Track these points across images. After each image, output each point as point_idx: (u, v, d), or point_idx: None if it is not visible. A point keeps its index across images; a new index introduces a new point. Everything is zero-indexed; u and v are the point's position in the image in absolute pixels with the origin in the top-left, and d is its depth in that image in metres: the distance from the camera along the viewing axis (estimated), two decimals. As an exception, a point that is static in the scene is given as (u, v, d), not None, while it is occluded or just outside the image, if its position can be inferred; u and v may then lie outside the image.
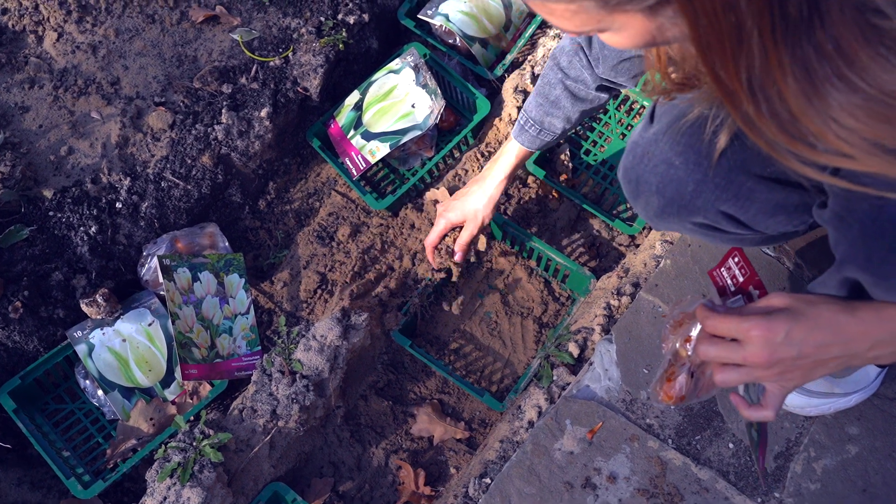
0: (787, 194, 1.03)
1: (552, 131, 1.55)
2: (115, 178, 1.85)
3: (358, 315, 1.70)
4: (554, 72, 1.48)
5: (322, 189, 2.05)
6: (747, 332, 0.91)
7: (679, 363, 1.03)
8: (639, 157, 1.13)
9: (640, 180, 1.14)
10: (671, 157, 1.08)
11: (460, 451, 1.73)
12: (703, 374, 1.03)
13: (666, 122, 1.09)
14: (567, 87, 1.46)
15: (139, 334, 1.79)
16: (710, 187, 1.05)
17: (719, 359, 0.96)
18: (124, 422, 1.75)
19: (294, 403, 1.62)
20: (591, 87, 1.44)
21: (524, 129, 1.57)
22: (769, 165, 1.01)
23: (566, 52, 1.45)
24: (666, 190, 1.10)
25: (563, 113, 1.50)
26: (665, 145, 1.08)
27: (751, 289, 1.00)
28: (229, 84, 1.95)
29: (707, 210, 1.09)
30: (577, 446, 1.41)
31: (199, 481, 1.53)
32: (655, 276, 1.55)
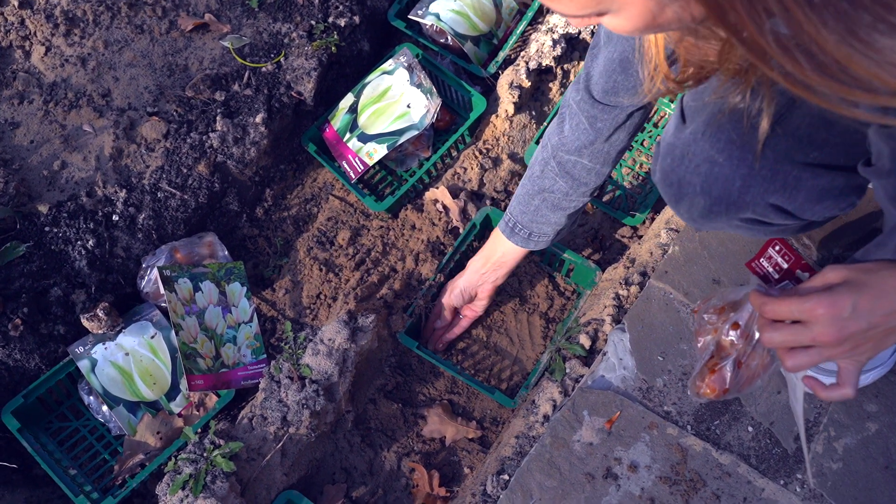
0: (832, 178, 1.02)
1: (544, 234, 1.55)
2: (111, 191, 1.83)
3: (365, 317, 1.68)
4: (531, 182, 1.50)
5: (319, 194, 2.03)
6: (812, 312, 0.88)
7: (723, 354, 1.02)
8: (678, 158, 1.10)
9: (683, 182, 1.11)
10: (713, 154, 1.06)
11: (473, 451, 1.72)
12: (747, 365, 1.01)
13: (702, 120, 1.07)
14: (545, 198, 1.48)
15: (142, 347, 1.77)
16: (757, 181, 1.04)
17: (786, 343, 0.93)
18: (131, 437, 1.72)
19: (304, 409, 1.60)
20: (569, 195, 1.45)
21: (514, 232, 1.57)
22: (812, 150, 1.00)
23: (537, 161, 1.47)
24: (712, 189, 1.08)
25: (547, 221, 1.51)
26: (706, 144, 1.06)
27: (798, 273, 0.99)
28: (222, 91, 1.93)
29: (756, 204, 1.07)
30: (597, 437, 1.40)
31: (213, 492, 1.51)
32: (664, 264, 1.54)
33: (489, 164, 1.93)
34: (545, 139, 1.46)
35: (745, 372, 1.05)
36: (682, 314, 1.49)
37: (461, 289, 1.71)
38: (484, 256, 1.67)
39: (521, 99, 1.93)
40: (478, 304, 1.75)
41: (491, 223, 1.86)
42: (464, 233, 1.82)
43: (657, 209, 1.85)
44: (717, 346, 1.05)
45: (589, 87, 1.30)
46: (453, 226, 1.90)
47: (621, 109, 1.29)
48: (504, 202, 1.92)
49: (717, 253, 1.53)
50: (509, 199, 1.92)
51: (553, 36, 1.93)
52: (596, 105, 1.30)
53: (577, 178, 1.42)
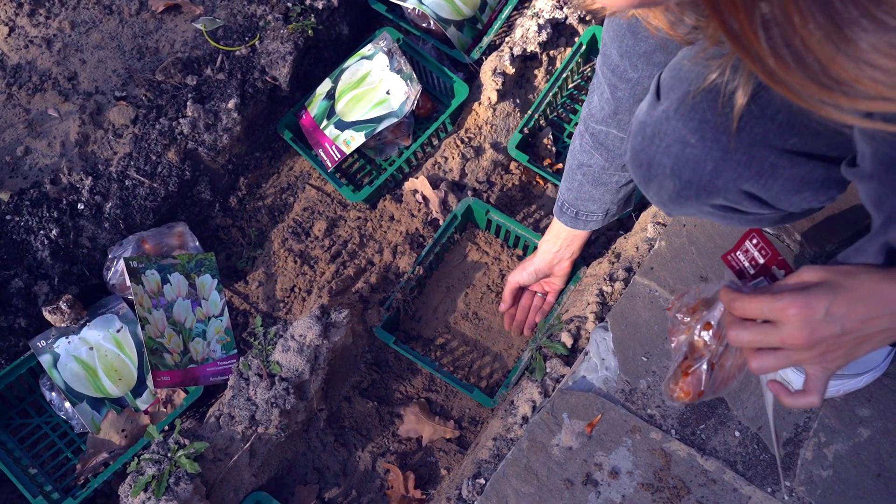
0: (811, 168, 0.95)
1: (591, 212, 1.49)
2: (76, 178, 1.75)
3: (338, 312, 1.61)
4: (572, 156, 1.45)
5: (295, 183, 1.96)
6: (783, 312, 0.83)
7: (696, 355, 0.96)
8: (648, 137, 1.03)
9: (653, 163, 1.04)
10: (685, 135, 0.98)
11: (451, 452, 1.65)
12: (721, 365, 0.95)
13: (676, 97, 0.99)
14: (584, 172, 1.42)
15: (107, 341, 1.69)
16: (730, 165, 0.96)
17: (753, 343, 0.88)
18: (94, 435, 1.65)
19: (274, 408, 1.53)
20: (608, 169, 1.39)
21: (562, 212, 1.53)
22: (792, 136, 0.93)
23: (576, 135, 1.42)
24: (682, 172, 1.01)
25: (591, 197, 1.46)
26: (678, 122, 0.99)
27: (774, 269, 0.93)
28: (194, 76, 1.85)
29: (728, 190, 0.99)
30: (576, 441, 1.34)
31: (176, 494, 1.44)
32: (650, 259, 1.48)
33: (471, 153, 1.86)
34: (581, 111, 1.42)
35: (719, 373, 0.99)
36: (668, 312, 1.42)
37: (535, 268, 1.65)
38: (552, 235, 1.61)
39: (505, 86, 1.85)
40: (556, 280, 1.69)
41: (473, 215, 1.80)
42: (444, 225, 1.75)
43: (644, 203, 1.78)
44: (689, 346, 0.99)
45: (606, 52, 1.25)
46: (433, 217, 1.83)
47: (638, 81, 1.23)
48: (487, 193, 1.84)
49: (706, 249, 1.46)
50: (492, 191, 1.85)
51: (539, 21, 1.86)
52: (615, 70, 1.25)
53: (611, 149, 1.36)
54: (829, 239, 1.43)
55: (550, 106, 1.90)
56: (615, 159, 1.37)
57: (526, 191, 1.88)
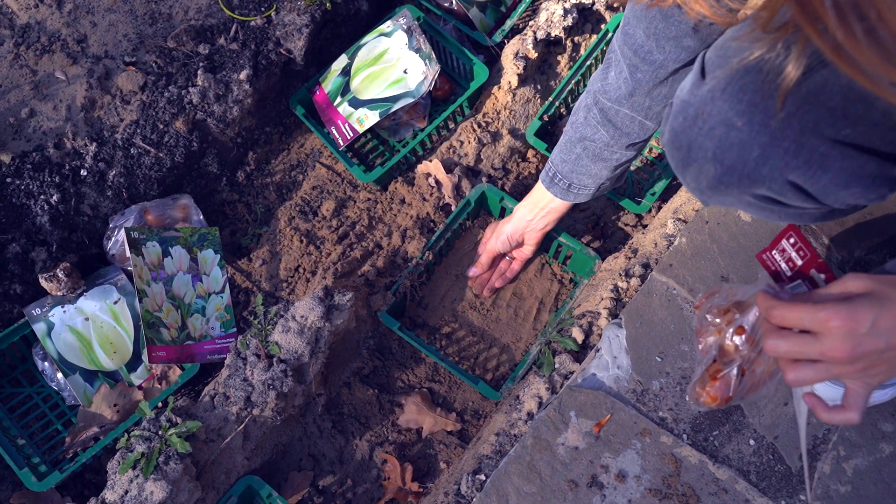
0: (864, 162, 0.87)
1: (585, 186, 1.47)
2: (80, 144, 1.70)
3: (342, 295, 1.56)
4: (573, 128, 1.42)
5: (306, 161, 1.91)
6: (825, 323, 0.77)
7: (726, 359, 0.90)
8: (691, 118, 0.95)
9: (693, 146, 0.96)
10: (731, 117, 0.90)
11: (451, 445, 1.60)
12: (752, 371, 0.89)
13: (723, 76, 0.91)
14: (586, 147, 1.40)
15: (103, 313, 1.65)
16: (778, 152, 0.89)
17: (791, 354, 0.82)
18: (85, 408, 1.60)
19: (270, 390, 1.48)
20: (611, 146, 1.36)
21: (554, 182, 1.49)
22: (846, 126, 0.86)
23: (581, 107, 1.39)
24: (725, 156, 0.93)
25: (587, 171, 1.44)
26: (724, 104, 0.91)
27: (813, 272, 0.86)
28: (206, 44, 1.79)
29: (773, 180, 0.92)
30: (583, 441, 1.28)
31: (164, 474, 1.39)
32: (669, 256, 1.41)
33: (488, 138, 1.80)
34: (590, 84, 1.37)
35: (749, 379, 0.93)
36: (686, 312, 1.36)
37: (508, 234, 1.62)
38: (531, 202, 1.57)
39: (527, 71, 1.79)
40: (526, 249, 1.66)
41: (486, 202, 1.74)
42: (456, 210, 1.69)
43: (665, 197, 1.72)
44: (720, 349, 0.93)
45: (627, 31, 1.20)
46: (445, 202, 1.77)
47: (662, 64, 1.18)
48: (502, 180, 1.78)
49: (728, 248, 1.40)
50: (507, 178, 1.79)
51: (565, 4, 1.80)
52: (638, 51, 1.19)
53: (619, 127, 1.33)
54: (859, 244, 1.37)
55: (572, 94, 1.84)
56: (621, 138, 1.34)
57: (542, 180, 1.82)
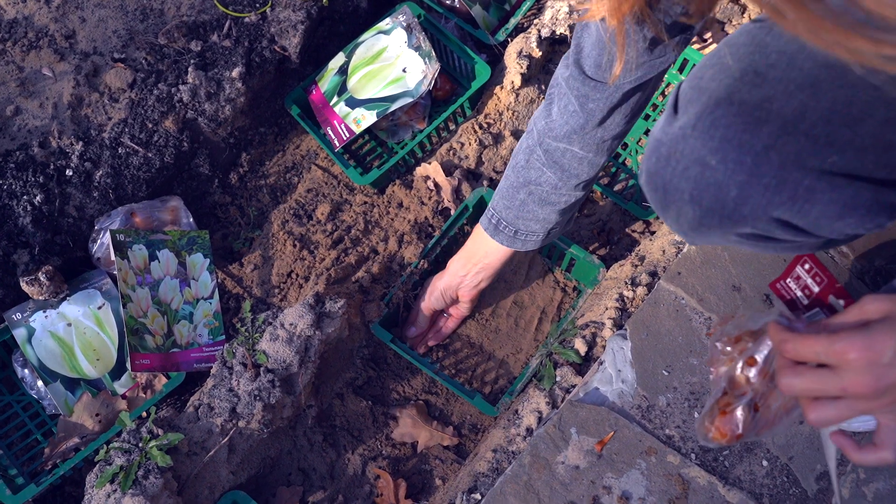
0: (855, 191, 0.79)
1: (533, 232, 1.37)
2: (66, 143, 1.64)
3: (334, 302, 1.49)
4: (515, 172, 1.32)
5: (301, 163, 1.84)
6: (843, 355, 0.70)
7: (737, 392, 0.82)
8: (664, 158, 0.88)
9: (669, 187, 0.89)
10: (704, 155, 0.83)
11: (447, 460, 1.52)
12: (767, 406, 0.82)
13: (695, 111, 0.84)
14: (531, 191, 1.30)
15: (87, 318, 1.58)
16: (758, 190, 0.81)
17: (809, 392, 0.74)
18: (66, 417, 1.53)
19: (257, 401, 1.40)
20: (559, 188, 1.27)
21: (499, 230, 1.39)
22: (831, 154, 0.78)
23: (522, 149, 1.29)
24: (702, 198, 0.85)
25: (535, 217, 1.33)
26: (696, 141, 0.83)
27: (831, 299, 0.79)
28: (198, 41, 1.73)
29: (756, 218, 0.84)
30: (584, 460, 1.20)
31: (143, 488, 1.32)
32: (678, 264, 1.34)
33: (489, 140, 1.73)
34: (531, 124, 1.28)
35: (763, 415, 0.84)
36: (695, 323, 1.28)
37: (440, 291, 1.52)
38: (465, 256, 1.48)
39: (531, 70, 1.72)
40: (462, 307, 1.56)
41: (486, 206, 1.66)
42: (454, 214, 1.62)
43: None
44: (730, 381, 0.85)
45: (579, 61, 1.11)
46: (444, 206, 1.70)
47: (616, 87, 1.09)
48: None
49: (740, 256, 1.32)
50: (509, 182, 1.71)
51: (570, 1, 1.73)
52: (587, 82, 1.10)
53: (566, 168, 1.24)
54: (879, 253, 1.29)
55: (578, 95, 1.76)
56: (570, 179, 1.25)
57: (546, 184, 1.75)
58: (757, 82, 0.77)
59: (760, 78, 0.77)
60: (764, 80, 0.77)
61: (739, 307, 1.28)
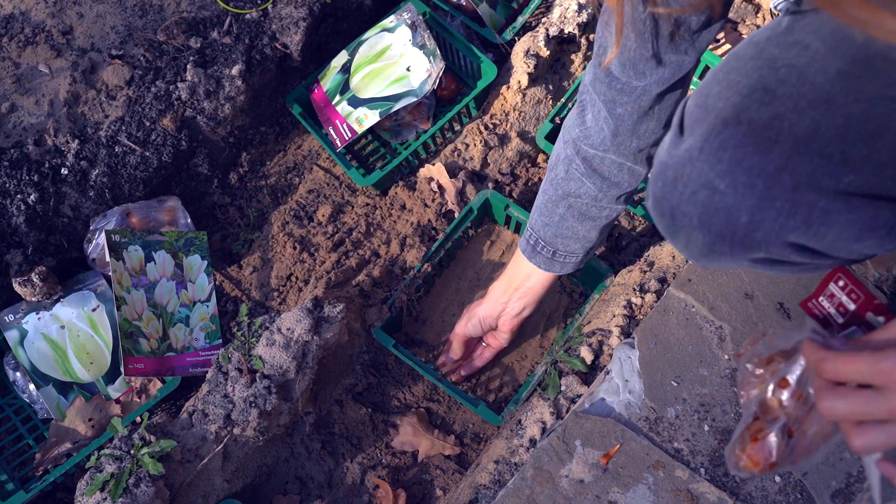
0: (874, 211, 0.74)
1: (572, 253, 1.30)
2: (62, 141, 1.60)
3: (332, 306, 1.44)
4: (553, 186, 1.25)
5: (303, 163, 1.80)
6: (890, 375, 0.64)
7: (768, 417, 0.77)
8: (671, 182, 0.83)
9: (676, 213, 0.84)
10: (712, 179, 0.78)
11: (449, 470, 1.48)
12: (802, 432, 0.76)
13: (701, 132, 0.79)
14: (571, 204, 1.23)
15: (81, 321, 1.54)
16: (770, 214, 0.76)
17: (854, 416, 0.68)
18: (58, 422, 1.50)
19: (252, 407, 1.36)
20: (600, 200, 1.21)
21: (536, 251, 1.33)
22: (847, 173, 0.73)
23: (560, 160, 1.22)
24: (712, 223, 0.81)
25: (574, 234, 1.27)
26: (703, 164, 0.79)
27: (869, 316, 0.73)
28: (198, 38, 1.69)
29: (770, 244, 0.79)
30: (589, 473, 1.15)
31: (134, 497, 1.28)
32: (688, 271, 1.29)
33: (495, 141, 1.68)
34: (565, 132, 1.21)
35: (799, 441, 0.79)
36: (706, 332, 1.24)
37: (479, 318, 1.45)
38: (505, 281, 1.40)
39: (538, 70, 1.67)
40: (501, 337, 1.49)
41: (491, 209, 1.62)
42: (458, 217, 1.58)
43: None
44: (761, 405, 0.80)
45: (604, 62, 1.05)
46: (448, 209, 1.66)
47: (643, 90, 1.03)
48: (509, 186, 1.67)
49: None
50: (515, 184, 1.67)
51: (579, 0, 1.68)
52: (613, 84, 1.05)
53: (607, 177, 1.18)
54: (898, 260, 1.24)
55: (586, 95, 1.72)
56: (611, 189, 1.19)
57: (553, 187, 1.70)
58: (766, 100, 0.72)
59: (770, 95, 0.72)
60: (773, 97, 0.72)
61: (752, 316, 1.23)
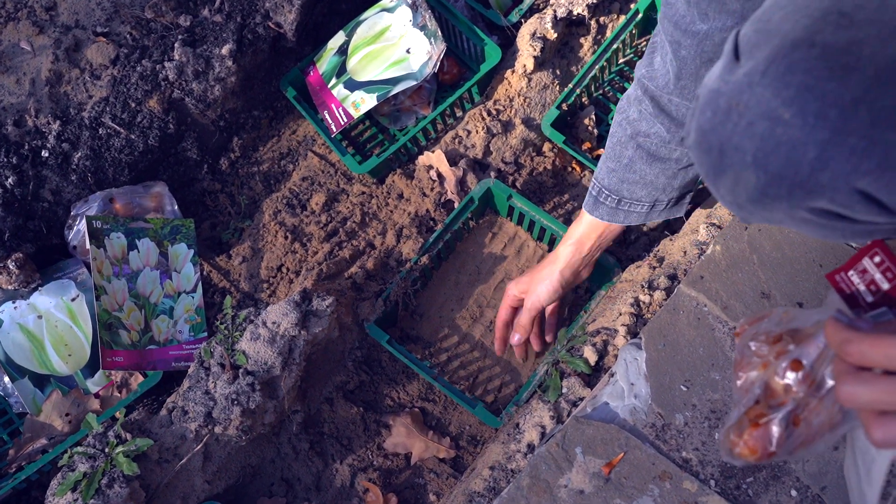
0: None
1: (637, 201, 1.24)
2: (43, 122, 1.53)
3: (321, 299, 1.36)
4: (622, 127, 1.20)
5: (297, 149, 1.72)
6: None
7: (772, 401, 0.68)
8: (722, 112, 0.71)
9: (727, 148, 0.71)
10: (776, 107, 0.66)
11: (443, 474, 1.40)
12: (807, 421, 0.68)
13: (764, 55, 0.68)
14: (640, 144, 1.18)
15: (59, 310, 1.47)
16: (842, 152, 0.64)
17: (878, 405, 0.60)
18: (34, 416, 1.42)
19: (235, 405, 1.29)
20: (670, 142, 1.15)
21: (599, 202, 1.27)
22: None
23: (632, 101, 1.17)
24: (770, 161, 0.68)
25: (642, 178, 1.21)
26: (765, 90, 0.67)
27: None
28: (188, 15, 1.61)
29: (836, 189, 0.67)
30: (590, 483, 1.07)
31: (107, 498, 1.21)
32: (700, 266, 1.20)
33: (498, 128, 1.60)
34: (636, 71, 1.17)
35: (803, 430, 0.71)
36: (718, 333, 1.15)
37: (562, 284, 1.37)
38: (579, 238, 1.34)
39: (545, 53, 1.59)
40: None
41: (493, 199, 1.54)
42: (458, 208, 1.49)
43: (697, 200, 1.51)
44: (765, 389, 0.71)
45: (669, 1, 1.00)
46: (447, 198, 1.57)
47: (706, 35, 0.97)
48: (513, 176, 1.58)
49: (771, 258, 1.18)
50: (519, 173, 1.59)
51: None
52: (679, 23, 0.99)
53: (675, 116, 1.12)
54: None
55: (596, 81, 1.63)
56: (679, 130, 1.13)
57: (559, 177, 1.62)
58: (843, 23, 0.61)
59: (847, 19, 0.61)
60: (851, 21, 0.61)
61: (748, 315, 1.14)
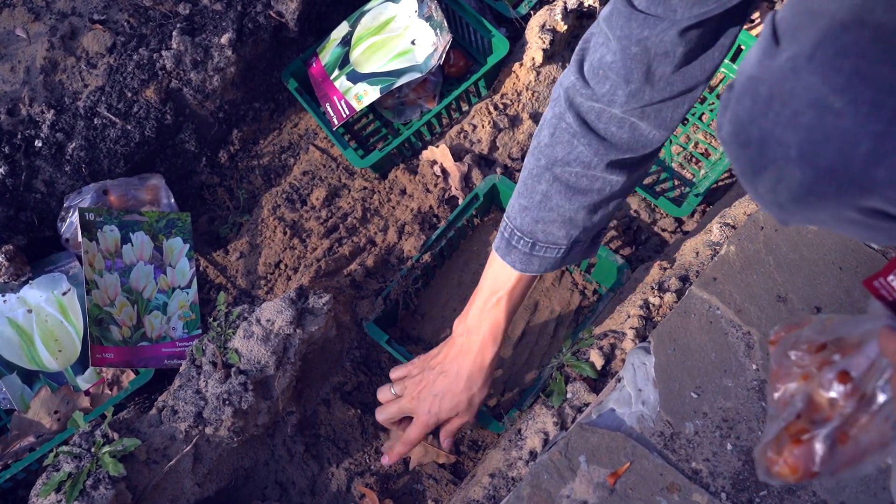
0: None
1: (553, 243, 1.08)
2: (37, 111, 1.49)
3: (318, 297, 1.32)
4: (534, 157, 1.04)
5: (298, 143, 1.67)
6: None
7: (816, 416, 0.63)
8: (763, 101, 0.63)
9: (768, 140, 0.64)
10: (826, 95, 0.58)
11: (442, 480, 1.35)
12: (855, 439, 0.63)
13: (810, 38, 0.60)
14: (557, 175, 1.02)
15: (49, 305, 1.43)
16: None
17: None
18: (21, 413, 1.38)
19: (226, 405, 1.24)
20: (594, 167, 0.99)
21: (511, 245, 1.09)
22: None
23: (546, 122, 1.02)
24: (818, 154, 0.60)
25: (560, 215, 1.05)
26: (813, 77, 0.59)
27: None
28: (187, 3, 1.57)
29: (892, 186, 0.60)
30: (593, 494, 1.02)
31: (91, 500, 1.16)
32: (713, 268, 1.15)
33: (505, 122, 1.55)
34: (556, 88, 1.01)
35: (849, 449, 0.65)
36: (731, 338, 1.09)
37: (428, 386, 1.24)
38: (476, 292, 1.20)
39: (554, 46, 1.54)
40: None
41: (498, 196, 1.49)
42: (462, 204, 1.45)
43: (711, 199, 1.45)
44: (807, 402, 0.66)
45: None
46: (451, 195, 1.52)
47: (671, 22, 0.85)
48: (519, 172, 1.53)
49: (788, 260, 1.13)
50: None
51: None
52: (634, 15, 0.86)
53: (603, 135, 0.97)
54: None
55: (607, 76, 1.58)
56: (607, 153, 0.98)
57: (567, 174, 1.57)
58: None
59: None
60: None
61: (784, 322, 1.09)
